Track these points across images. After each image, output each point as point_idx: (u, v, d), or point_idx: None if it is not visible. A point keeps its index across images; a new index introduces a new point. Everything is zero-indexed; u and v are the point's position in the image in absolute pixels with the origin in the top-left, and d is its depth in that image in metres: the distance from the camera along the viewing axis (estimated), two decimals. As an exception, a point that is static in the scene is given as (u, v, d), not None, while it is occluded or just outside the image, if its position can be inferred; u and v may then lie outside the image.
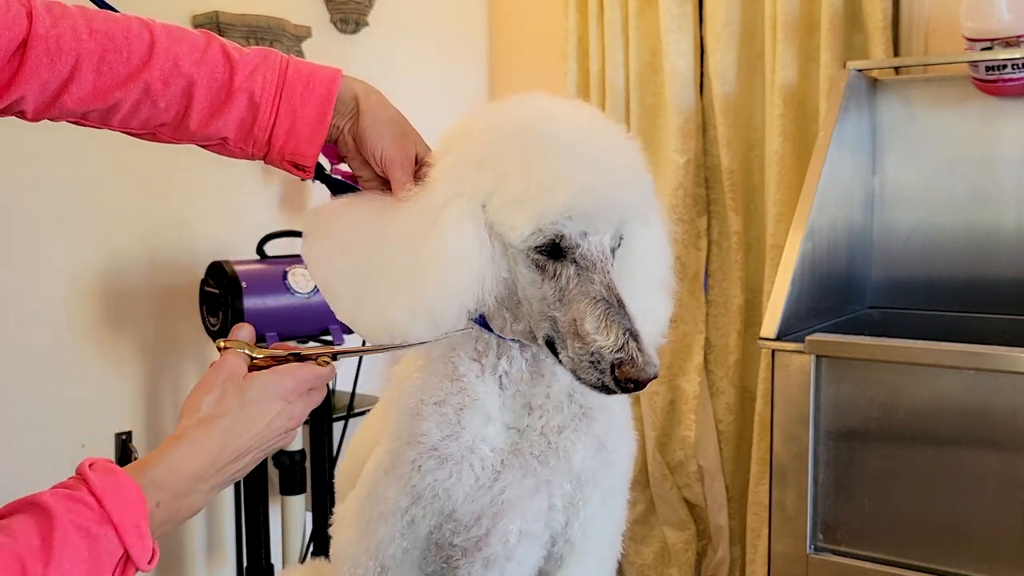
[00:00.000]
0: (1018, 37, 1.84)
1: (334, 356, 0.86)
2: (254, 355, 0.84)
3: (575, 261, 0.86)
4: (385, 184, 0.96)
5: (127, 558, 0.71)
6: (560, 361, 0.86)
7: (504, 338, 0.95)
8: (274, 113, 0.93)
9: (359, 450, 1.09)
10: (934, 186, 2.12)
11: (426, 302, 0.86)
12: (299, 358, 0.85)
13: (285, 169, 0.97)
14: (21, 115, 0.91)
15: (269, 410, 0.81)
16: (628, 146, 0.91)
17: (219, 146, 0.96)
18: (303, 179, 0.99)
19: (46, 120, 0.93)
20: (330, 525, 1.08)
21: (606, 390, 0.84)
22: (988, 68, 1.91)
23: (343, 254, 0.91)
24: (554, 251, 0.86)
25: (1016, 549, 1.49)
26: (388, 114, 0.97)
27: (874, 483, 1.61)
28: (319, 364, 0.85)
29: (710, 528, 2.58)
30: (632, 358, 0.82)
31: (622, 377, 0.82)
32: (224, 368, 0.81)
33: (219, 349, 0.85)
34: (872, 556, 1.61)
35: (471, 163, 0.89)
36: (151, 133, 0.94)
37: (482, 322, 0.94)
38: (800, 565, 1.66)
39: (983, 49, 1.88)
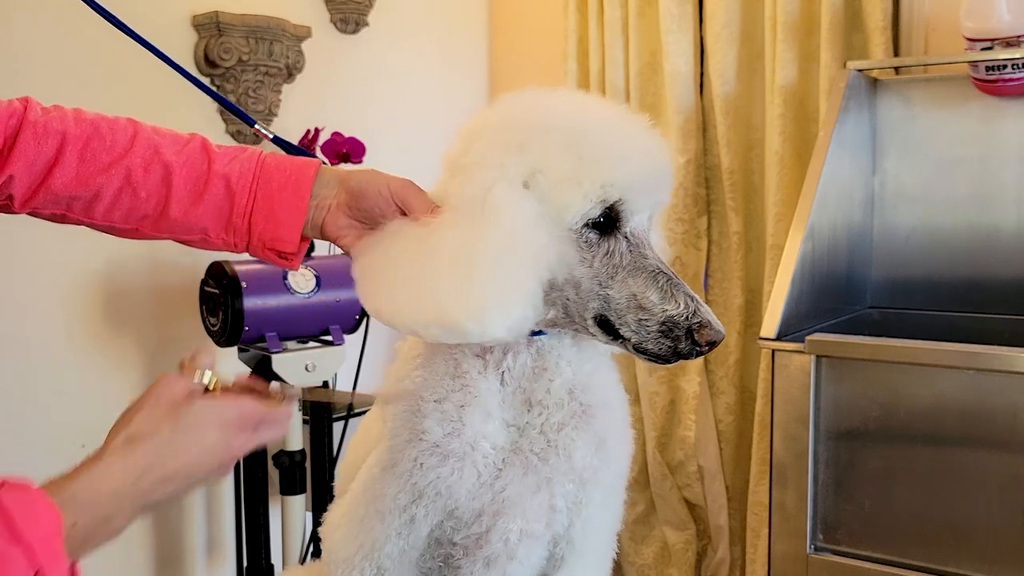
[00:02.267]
0: (1018, 37, 1.84)
1: (287, 397, 0.83)
2: (208, 384, 0.80)
3: (626, 237, 0.88)
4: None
5: None
6: (621, 336, 0.88)
7: None
8: (251, 199, 0.94)
9: (359, 451, 1.09)
10: (934, 186, 2.12)
11: (505, 281, 0.84)
12: (252, 392, 0.81)
13: (270, 260, 0.97)
14: (9, 202, 0.92)
15: (203, 438, 0.76)
16: (655, 133, 0.94)
17: (201, 240, 0.96)
18: (290, 268, 0.99)
19: (32, 213, 0.94)
20: (319, 524, 1.06)
21: (678, 356, 0.86)
22: (988, 68, 1.91)
23: (399, 269, 0.89)
24: (605, 228, 0.87)
25: (1016, 549, 1.49)
26: (374, 170, 0.98)
27: (874, 483, 1.61)
28: (272, 400, 0.81)
29: (710, 528, 2.58)
30: (708, 321, 0.85)
31: (702, 340, 0.85)
32: (155, 392, 0.77)
33: (180, 367, 0.81)
34: (872, 556, 1.61)
35: (510, 147, 0.89)
36: (134, 228, 0.96)
37: None
38: (800, 565, 1.66)
39: (983, 49, 1.88)
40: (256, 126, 1.06)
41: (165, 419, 0.75)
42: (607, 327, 0.89)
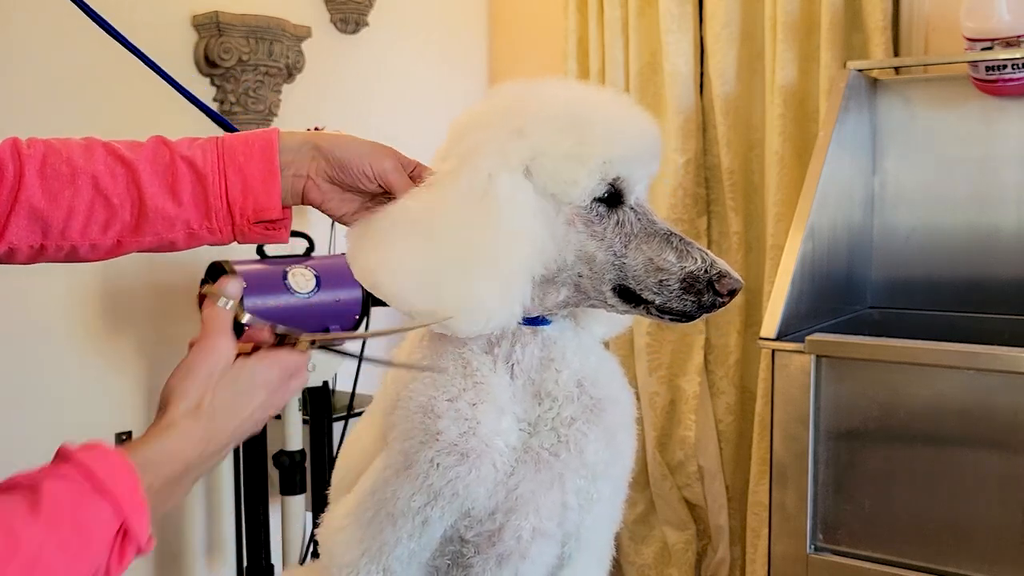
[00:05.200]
0: (1018, 37, 1.84)
1: (314, 343, 0.84)
2: (238, 316, 0.81)
3: (632, 208, 0.91)
4: (371, 210, 0.96)
5: (124, 533, 0.67)
6: (644, 301, 0.90)
7: (521, 322, 0.95)
8: (222, 176, 0.92)
9: (352, 459, 1.07)
10: (934, 186, 2.12)
11: (501, 278, 0.87)
12: (279, 337, 0.83)
13: (258, 237, 0.95)
14: None
15: (254, 401, 0.80)
16: (641, 109, 0.96)
17: (186, 235, 0.94)
18: (281, 242, 0.97)
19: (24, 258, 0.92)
20: (317, 525, 1.05)
21: (703, 310, 0.89)
22: (988, 68, 1.91)
23: (402, 253, 0.90)
24: (611, 202, 0.90)
25: (1016, 549, 1.49)
26: (350, 137, 0.97)
27: (874, 483, 1.61)
28: (299, 350, 0.83)
29: (710, 528, 2.58)
30: (727, 271, 0.88)
31: (723, 290, 0.88)
32: (213, 356, 0.78)
33: (201, 295, 0.82)
34: (872, 556, 1.61)
35: (509, 134, 0.90)
36: (116, 241, 0.93)
37: None
38: (800, 565, 1.66)
39: (983, 49, 1.88)
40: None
41: (224, 388, 0.78)
42: (627, 295, 0.91)
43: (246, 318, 0.82)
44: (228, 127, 1.06)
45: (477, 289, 0.87)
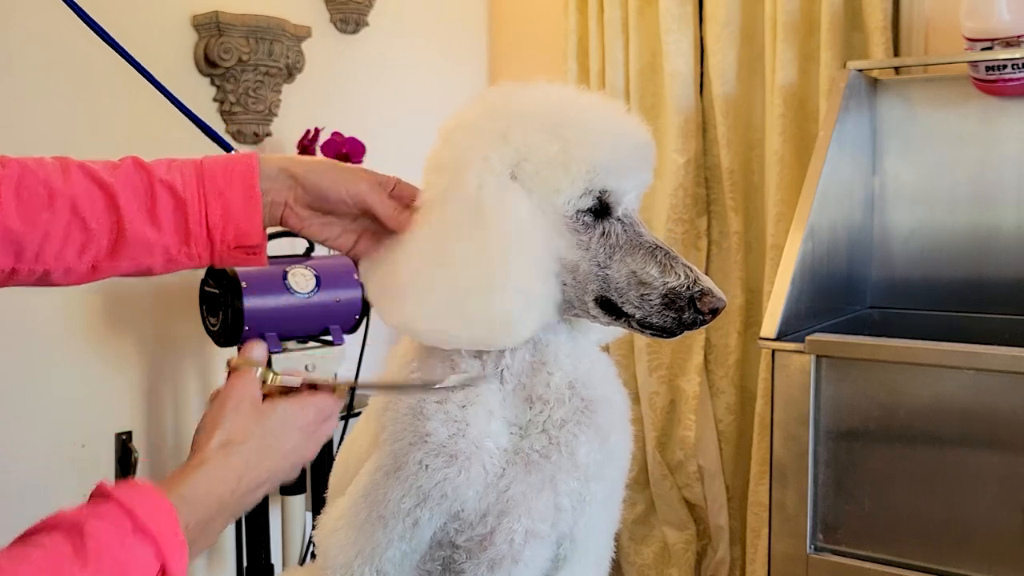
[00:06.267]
0: (1018, 37, 1.84)
1: (352, 389, 0.85)
2: (266, 379, 0.81)
3: (619, 219, 0.90)
4: (354, 232, 0.96)
5: (163, 574, 0.67)
6: (624, 314, 0.89)
7: None
8: (203, 202, 0.91)
9: (349, 460, 1.07)
10: (934, 186, 2.12)
11: (516, 284, 0.86)
12: (313, 388, 0.83)
13: (237, 262, 0.94)
14: None
15: (287, 441, 0.79)
16: (634, 115, 0.95)
17: (164, 260, 0.92)
18: (259, 266, 0.96)
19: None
20: (314, 528, 1.05)
21: (683, 327, 0.87)
22: (988, 68, 1.91)
23: (425, 295, 0.90)
24: (599, 210, 0.89)
25: (1016, 549, 1.49)
26: (325, 163, 0.96)
27: (874, 483, 1.61)
28: (336, 394, 0.83)
29: (710, 528, 2.58)
30: (710, 288, 0.87)
31: (705, 308, 0.86)
32: (236, 395, 0.78)
33: (229, 367, 0.82)
34: (872, 556, 1.61)
35: (492, 138, 0.90)
36: (91, 266, 0.92)
37: None
38: (800, 565, 1.66)
39: (983, 49, 1.88)
40: (233, 151, 1.05)
41: (253, 424, 0.77)
42: (608, 307, 0.90)
43: (271, 377, 0.82)
44: (218, 140, 1.05)
45: (499, 303, 0.86)
